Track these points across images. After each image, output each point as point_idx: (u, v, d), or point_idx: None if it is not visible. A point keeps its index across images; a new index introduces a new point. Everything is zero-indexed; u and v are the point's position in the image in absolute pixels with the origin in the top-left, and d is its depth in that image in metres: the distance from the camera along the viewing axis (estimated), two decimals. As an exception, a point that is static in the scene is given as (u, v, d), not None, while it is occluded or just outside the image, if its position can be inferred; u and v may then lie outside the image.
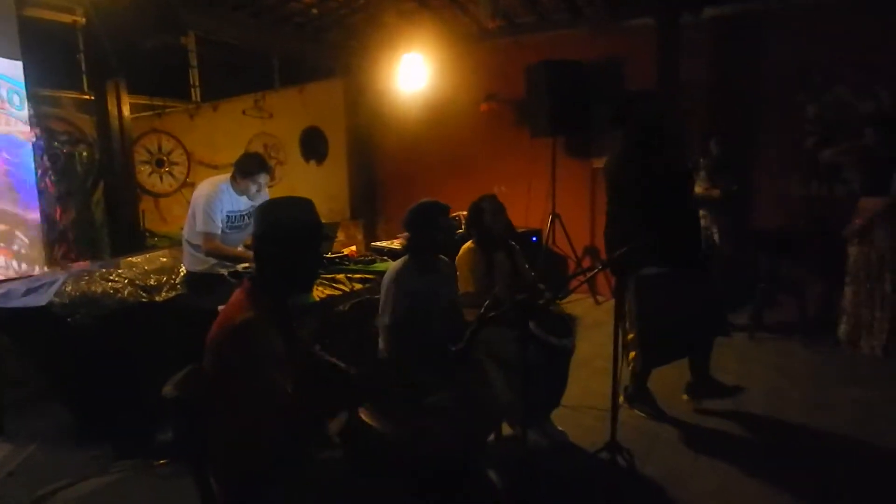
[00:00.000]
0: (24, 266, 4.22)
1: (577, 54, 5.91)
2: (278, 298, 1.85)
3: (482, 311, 2.12)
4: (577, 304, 5.92)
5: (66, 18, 4.83)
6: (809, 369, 4.20)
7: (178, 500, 2.66)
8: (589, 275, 2.79)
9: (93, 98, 4.94)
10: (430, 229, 2.67)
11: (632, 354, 3.42)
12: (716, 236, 4.96)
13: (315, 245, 1.88)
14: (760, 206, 5.49)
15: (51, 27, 4.76)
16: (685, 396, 3.65)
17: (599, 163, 5.72)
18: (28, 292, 3.20)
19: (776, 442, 3.22)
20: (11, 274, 4.09)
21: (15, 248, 4.24)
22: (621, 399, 3.38)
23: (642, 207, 3.18)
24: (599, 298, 6.09)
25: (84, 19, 4.82)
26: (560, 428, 3.19)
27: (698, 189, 4.76)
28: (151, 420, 3.26)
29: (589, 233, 6.30)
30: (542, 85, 5.69)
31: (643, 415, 3.48)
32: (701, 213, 4.73)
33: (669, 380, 3.82)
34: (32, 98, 4.39)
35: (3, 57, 4.16)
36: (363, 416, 1.99)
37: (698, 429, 3.36)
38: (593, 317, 5.58)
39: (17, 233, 4.25)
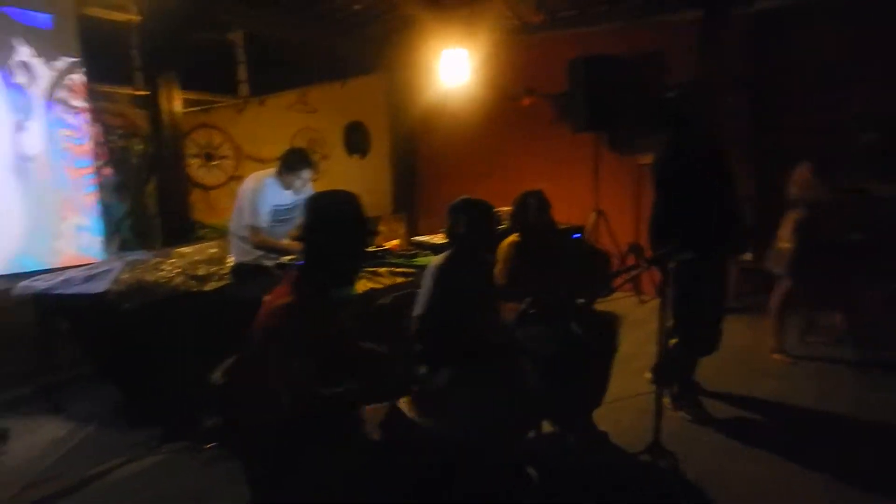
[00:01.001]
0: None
1: (619, 48, 5.81)
2: (321, 288, 1.89)
3: (523, 307, 2.11)
4: (621, 302, 5.83)
5: (122, 17, 5.00)
6: (860, 376, 4.03)
7: (224, 483, 2.74)
8: (632, 274, 2.73)
9: (146, 93, 5.12)
10: (470, 225, 2.67)
11: (672, 341, 3.37)
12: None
13: (360, 238, 1.92)
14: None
15: (107, 25, 4.93)
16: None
17: (645, 159, 5.61)
18: (87, 280, 3.35)
19: (822, 447, 3.11)
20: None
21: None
22: (666, 401, 3.32)
23: (684, 203, 3.18)
24: (644, 297, 5.98)
25: (138, 17, 4.98)
26: (601, 428, 3.15)
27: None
28: (199, 405, 3.37)
29: (633, 230, 6.18)
30: (583, 80, 5.62)
31: (688, 417, 3.41)
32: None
33: (709, 381, 3.75)
34: (90, 93, 4.57)
35: (63, 55, 4.35)
36: (403, 408, 2.01)
37: (742, 431, 3.27)
38: (636, 315, 5.48)
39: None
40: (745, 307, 5.46)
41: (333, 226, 1.85)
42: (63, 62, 4.41)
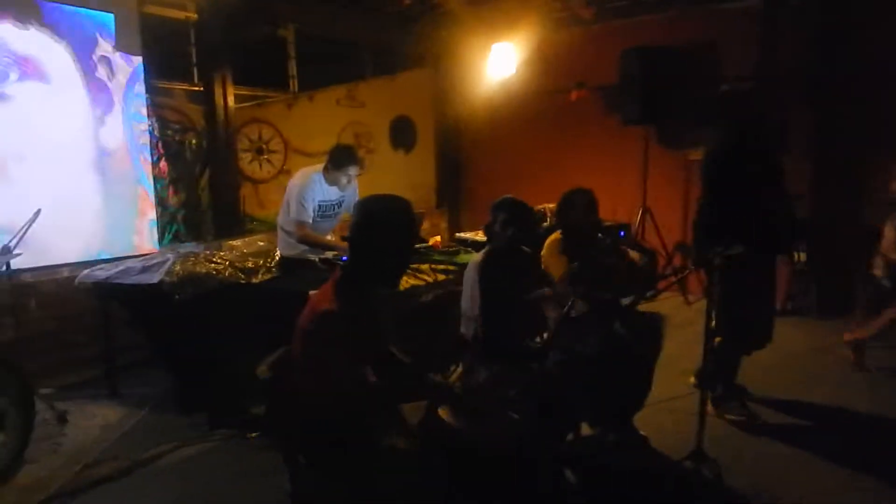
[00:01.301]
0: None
1: (672, 39, 5.66)
2: (365, 290, 1.92)
3: (565, 310, 2.09)
4: (666, 302, 5.70)
5: (180, 14, 5.16)
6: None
7: (268, 471, 2.82)
8: (678, 277, 2.66)
9: (202, 89, 5.28)
10: (506, 223, 2.68)
11: (717, 340, 3.29)
12: None
13: (407, 242, 1.94)
14: (873, 212, 4.77)
15: (165, 23, 5.11)
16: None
17: (696, 154, 5.47)
18: (143, 270, 3.49)
19: (878, 458, 2.97)
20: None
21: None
22: (710, 407, 3.24)
23: (734, 201, 3.11)
24: (690, 297, 5.84)
25: (195, 15, 5.14)
26: (642, 432, 3.10)
27: None
28: (245, 393, 3.48)
29: (681, 228, 6.04)
30: (635, 72, 5.51)
31: (733, 417, 3.32)
32: None
33: (757, 385, 3.64)
34: (149, 89, 4.76)
35: (127, 52, 4.54)
36: (440, 411, 2.03)
37: (792, 439, 3.15)
38: (683, 316, 5.35)
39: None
40: (796, 309, 5.28)
41: (382, 229, 1.87)
42: (140, 57, 4.60)
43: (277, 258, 3.88)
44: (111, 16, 4.41)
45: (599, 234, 3.23)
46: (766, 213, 3.14)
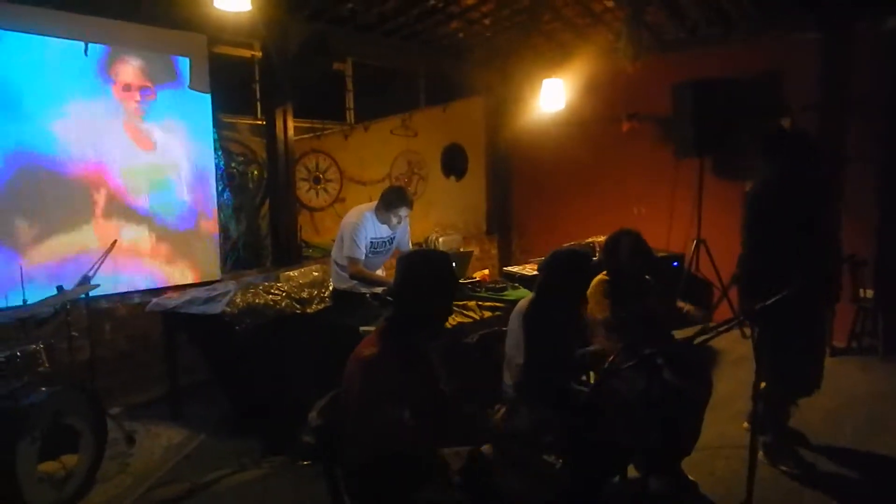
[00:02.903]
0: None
1: (728, 70, 5.56)
2: (410, 338, 2.01)
3: (607, 364, 2.12)
4: (722, 336, 5.55)
5: (245, 53, 5.47)
6: None
7: (320, 500, 2.92)
8: (724, 329, 2.60)
9: (264, 123, 5.55)
10: (565, 279, 2.69)
11: (762, 385, 3.20)
12: None
13: (446, 298, 2.02)
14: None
15: (231, 61, 5.41)
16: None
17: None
18: (207, 301, 3.70)
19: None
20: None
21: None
22: (761, 454, 3.15)
23: (780, 247, 3.03)
24: (747, 330, 5.66)
25: (260, 53, 5.43)
26: (691, 477, 3.04)
27: None
28: (298, 419, 3.61)
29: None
30: (690, 104, 5.43)
31: (786, 469, 3.21)
32: None
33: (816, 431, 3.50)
34: (216, 124, 5.05)
35: (197, 90, 4.84)
36: (485, 452, 2.08)
37: (851, 492, 3.03)
38: (738, 352, 5.20)
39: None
40: (860, 349, 5.04)
41: (420, 284, 1.96)
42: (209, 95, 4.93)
43: (331, 289, 4.03)
44: (187, 60, 4.73)
45: (647, 277, 3.21)
46: (814, 258, 3.04)
